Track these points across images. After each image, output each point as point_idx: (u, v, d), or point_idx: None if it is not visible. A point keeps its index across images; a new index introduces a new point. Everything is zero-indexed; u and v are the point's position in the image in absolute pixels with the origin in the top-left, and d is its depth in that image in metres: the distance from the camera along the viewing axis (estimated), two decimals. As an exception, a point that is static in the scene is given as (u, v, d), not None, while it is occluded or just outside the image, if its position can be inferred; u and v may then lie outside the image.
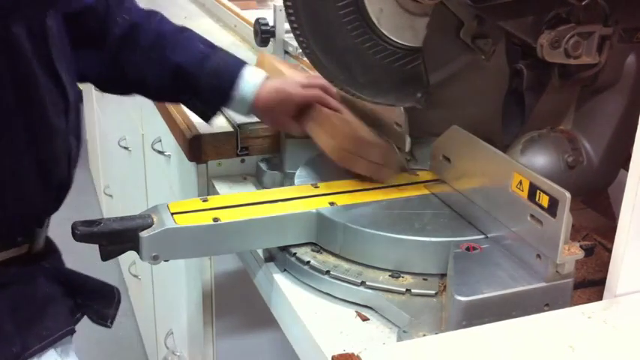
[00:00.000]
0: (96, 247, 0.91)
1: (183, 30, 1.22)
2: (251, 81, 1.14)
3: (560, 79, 0.98)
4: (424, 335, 0.80)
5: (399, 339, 0.81)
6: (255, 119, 1.25)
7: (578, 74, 0.97)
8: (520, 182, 0.84)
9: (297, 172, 1.13)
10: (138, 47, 1.16)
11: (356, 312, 0.90)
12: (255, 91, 1.14)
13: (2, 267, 0.99)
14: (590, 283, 0.91)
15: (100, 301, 1.13)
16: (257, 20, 1.66)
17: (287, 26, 1.58)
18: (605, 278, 0.81)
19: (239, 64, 1.16)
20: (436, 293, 0.89)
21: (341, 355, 0.73)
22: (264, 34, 1.64)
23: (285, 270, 0.98)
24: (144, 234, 0.91)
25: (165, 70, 1.15)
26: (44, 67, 0.98)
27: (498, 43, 1.02)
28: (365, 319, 0.88)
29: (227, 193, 1.24)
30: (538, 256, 0.82)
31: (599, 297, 0.84)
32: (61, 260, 1.14)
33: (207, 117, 1.21)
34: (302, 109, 1.15)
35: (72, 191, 1.08)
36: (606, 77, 0.97)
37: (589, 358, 0.71)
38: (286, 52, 1.70)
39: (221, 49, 1.19)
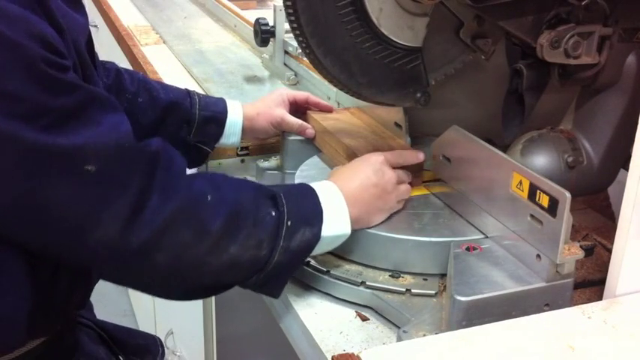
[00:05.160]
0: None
1: (147, 77, 1.27)
2: (233, 102, 1.24)
3: (560, 79, 0.98)
4: (424, 335, 0.80)
5: (399, 339, 0.81)
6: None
7: (578, 74, 0.97)
8: (520, 182, 0.84)
9: (297, 172, 1.13)
10: (125, 94, 1.15)
11: (356, 312, 0.90)
12: (241, 105, 1.24)
13: (54, 339, 0.94)
14: (590, 283, 0.91)
15: (145, 357, 1.11)
16: (257, 20, 1.66)
17: (287, 26, 1.58)
18: (605, 278, 0.81)
19: (216, 98, 1.25)
20: (436, 293, 0.89)
21: (341, 355, 0.73)
22: (264, 34, 1.64)
23: (285, 270, 0.98)
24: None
25: (157, 111, 1.17)
26: None
27: (498, 43, 1.02)
28: (365, 319, 0.88)
29: (227, 193, 1.23)
30: (538, 256, 0.82)
31: (599, 297, 0.84)
32: (91, 307, 1.12)
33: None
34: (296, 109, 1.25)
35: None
36: (606, 77, 0.97)
37: (589, 358, 0.71)
38: (286, 52, 1.70)
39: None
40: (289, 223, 0.85)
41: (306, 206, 0.89)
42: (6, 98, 0.71)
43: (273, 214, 0.85)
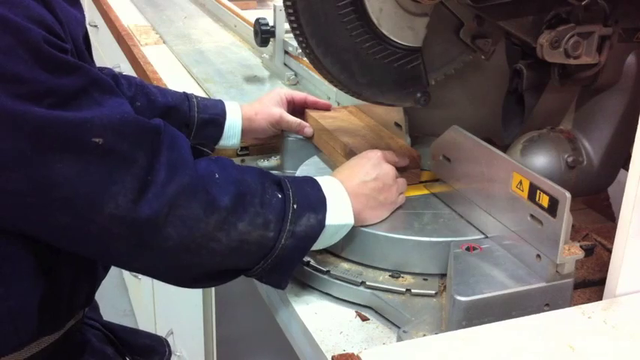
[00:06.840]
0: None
1: (144, 81, 1.27)
2: (231, 103, 1.24)
3: (560, 79, 0.98)
4: (424, 335, 0.80)
5: (399, 339, 0.81)
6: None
7: (578, 74, 0.97)
8: (520, 182, 0.84)
9: (297, 172, 1.13)
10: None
11: (356, 312, 0.89)
12: (240, 105, 1.24)
13: (63, 338, 0.94)
14: (590, 283, 0.91)
15: (152, 358, 1.12)
16: (257, 20, 1.66)
17: (287, 26, 1.58)
18: (605, 278, 0.81)
19: (215, 100, 1.25)
20: (436, 293, 0.89)
21: (341, 355, 0.73)
22: (264, 34, 1.64)
23: (285, 270, 0.98)
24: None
25: (156, 115, 1.16)
26: None
27: (498, 43, 1.02)
28: (365, 319, 0.88)
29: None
30: (538, 256, 0.82)
31: (599, 297, 0.84)
32: (97, 308, 1.12)
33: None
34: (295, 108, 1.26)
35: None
36: (606, 77, 0.97)
37: (589, 358, 0.71)
38: (286, 52, 1.70)
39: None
40: (295, 206, 0.86)
41: (310, 193, 0.89)
42: (11, 79, 0.72)
43: (280, 196, 0.86)
